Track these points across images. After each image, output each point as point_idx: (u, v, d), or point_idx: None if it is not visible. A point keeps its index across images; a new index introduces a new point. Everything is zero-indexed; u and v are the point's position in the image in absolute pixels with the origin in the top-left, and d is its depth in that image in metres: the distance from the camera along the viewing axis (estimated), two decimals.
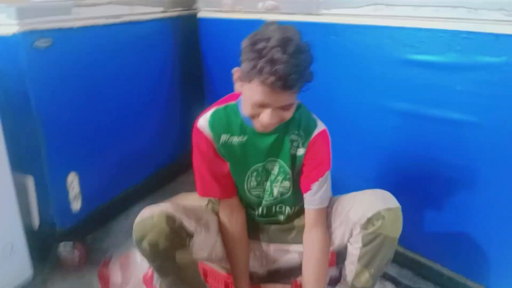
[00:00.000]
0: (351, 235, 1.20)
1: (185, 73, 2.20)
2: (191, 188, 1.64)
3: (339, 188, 1.29)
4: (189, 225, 1.17)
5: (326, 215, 1.25)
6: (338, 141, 1.27)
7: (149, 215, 1.12)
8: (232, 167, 1.23)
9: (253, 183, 1.25)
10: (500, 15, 1.16)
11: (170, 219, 1.12)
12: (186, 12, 2.14)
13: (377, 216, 1.12)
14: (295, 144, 1.21)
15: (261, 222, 1.35)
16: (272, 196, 1.27)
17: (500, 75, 1.19)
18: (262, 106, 1.03)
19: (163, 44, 2.06)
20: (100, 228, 1.89)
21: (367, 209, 1.14)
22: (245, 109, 1.08)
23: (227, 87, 2.05)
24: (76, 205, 1.70)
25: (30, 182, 1.57)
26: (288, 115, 1.08)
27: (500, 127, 1.22)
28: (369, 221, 1.13)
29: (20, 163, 1.50)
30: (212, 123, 1.18)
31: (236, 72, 1.09)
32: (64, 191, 1.65)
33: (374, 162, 1.56)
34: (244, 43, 1.02)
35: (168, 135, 2.16)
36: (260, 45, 0.97)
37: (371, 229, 1.13)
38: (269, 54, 0.95)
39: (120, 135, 1.87)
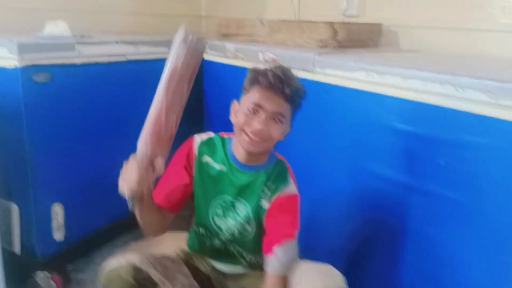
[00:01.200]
0: None
1: (186, 111, 2.21)
2: (177, 222, 1.65)
3: (310, 249, 1.27)
4: (156, 277, 1.16)
5: None
6: (318, 198, 1.26)
7: (116, 267, 1.12)
8: (201, 189, 1.25)
9: (219, 211, 1.25)
10: (487, 97, 1.13)
11: (136, 271, 1.11)
12: None
13: None
14: (262, 195, 1.21)
15: (220, 271, 1.32)
16: (233, 234, 1.25)
17: (483, 157, 1.16)
18: (257, 109, 1.11)
19: None
20: (82, 258, 1.89)
21: None
22: (239, 119, 1.14)
23: (227, 127, 2.08)
24: (59, 235, 1.71)
25: (14, 209, 1.60)
26: (276, 132, 1.13)
27: (477, 206, 1.18)
28: None
29: (6, 190, 1.53)
30: (205, 143, 1.27)
31: (233, 104, 1.21)
32: (48, 221, 1.67)
33: (351, 225, 1.53)
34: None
35: None
36: (260, 69, 1.15)
37: None
38: (268, 71, 1.12)
39: (110, 170, 1.88)
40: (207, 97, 2.16)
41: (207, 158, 1.25)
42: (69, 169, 1.70)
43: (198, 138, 1.28)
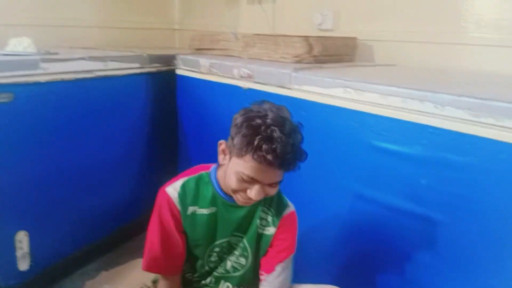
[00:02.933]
0: None
1: (158, 127, 2.14)
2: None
3: (297, 271, 1.22)
4: None
5: None
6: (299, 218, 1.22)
7: None
8: (194, 241, 1.17)
9: (214, 258, 1.20)
10: (467, 114, 1.12)
11: None
12: (165, 68, 2.11)
13: None
14: (263, 222, 1.17)
15: None
16: (225, 269, 1.21)
17: (465, 175, 1.14)
18: (251, 181, 1.00)
19: (137, 98, 2.02)
20: (51, 287, 1.78)
21: None
22: (230, 183, 1.04)
23: (201, 145, 2.02)
24: (23, 264, 1.60)
25: None
26: (273, 191, 1.05)
27: (460, 226, 1.16)
28: None
29: None
30: (182, 193, 1.13)
31: (221, 144, 1.09)
32: (11, 250, 1.56)
33: (332, 244, 1.49)
34: (237, 118, 1.02)
35: (133, 190, 2.07)
36: (257, 122, 0.97)
37: None
38: (267, 132, 0.95)
39: (78, 194, 1.79)
40: (180, 112, 2.09)
41: (191, 209, 1.14)
42: (33, 193, 1.60)
43: (174, 192, 1.13)
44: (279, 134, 0.95)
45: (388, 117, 1.28)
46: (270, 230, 1.16)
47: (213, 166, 1.19)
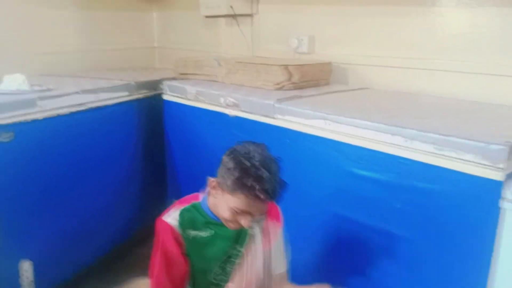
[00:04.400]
0: None
1: (148, 151, 2.26)
2: (145, 263, 1.66)
3: None
4: None
5: None
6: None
7: None
8: (199, 262, 1.30)
9: (219, 272, 1.33)
10: (432, 148, 1.28)
11: None
12: (152, 93, 2.22)
13: None
14: (252, 226, 1.30)
15: None
16: (225, 275, 1.34)
17: (431, 201, 1.30)
18: (243, 213, 1.16)
19: (127, 124, 2.13)
20: None
21: None
22: (223, 214, 1.19)
23: (188, 167, 2.14)
24: None
25: None
26: (262, 216, 1.22)
27: (428, 244, 1.33)
28: None
29: None
30: (182, 221, 1.26)
31: (212, 182, 1.21)
32: (15, 279, 1.65)
33: (314, 261, 1.64)
34: (228, 161, 1.15)
35: (125, 213, 2.19)
36: (246, 165, 1.11)
37: None
38: (257, 173, 1.11)
39: (76, 218, 1.89)
40: (168, 136, 2.20)
41: (193, 233, 1.27)
42: (35, 224, 1.69)
43: (174, 221, 1.26)
44: (267, 175, 1.11)
45: (364, 147, 1.44)
46: (257, 230, 1.32)
47: (202, 196, 1.31)
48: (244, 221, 1.17)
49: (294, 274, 1.67)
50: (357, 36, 2.12)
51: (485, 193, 1.18)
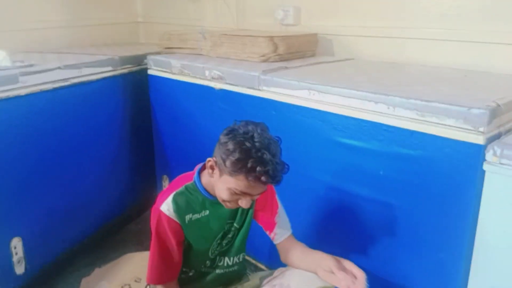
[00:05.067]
0: None
1: (134, 127, 2.25)
2: (136, 239, 1.66)
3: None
4: None
5: None
6: None
7: None
8: (199, 242, 1.32)
9: (216, 246, 1.36)
10: (415, 114, 1.29)
11: None
12: (137, 68, 2.20)
13: None
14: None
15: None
16: (221, 247, 1.37)
17: (415, 167, 1.32)
18: (243, 194, 1.15)
19: (112, 100, 2.11)
20: (45, 286, 1.89)
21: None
22: (222, 195, 1.18)
23: (175, 141, 2.14)
24: (20, 268, 1.71)
25: None
26: (259, 196, 1.20)
27: (413, 209, 1.36)
28: None
29: None
30: (176, 207, 1.26)
31: (209, 161, 1.20)
32: (8, 256, 1.66)
33: (304, 226, 1.67)
34: (228, 141, 1.12)
35: (114, 189, 2.19)
36: (246, 146, 1.09)
37: None
38: (258, 154, 1.08)
39: (65, 195, 1.89)
40: (154, 112, 2.19)
41: (188, 217, 1.28)
42: (25, 202, 1.69)
43: (168, 209, 1.25)
44: (269, 157, 1.08)
45: (348, 116, 1.45)
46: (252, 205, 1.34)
47: (194, 175, 1.30)
48: (243, 202, 1.17)
49: None
50: (343, 6, 2.10)
51: (468, 157, 1.20)
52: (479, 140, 1.18)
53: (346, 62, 2.00)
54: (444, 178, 1.27)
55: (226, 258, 1.40)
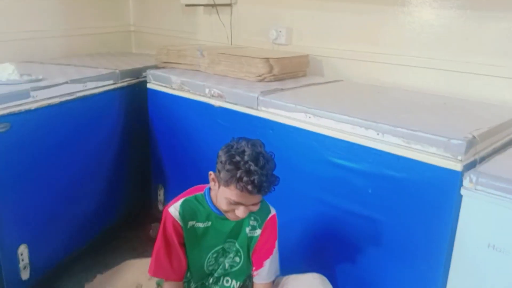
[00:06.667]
0: None
1: (133, 138, 2.34)
2: (131, 245, 1.73)
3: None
4: None
5: None
6: None
7: None
8: (194, 250, 1.44)
9: (212, 262, 1.48)
10: (401, 141, 1.45)
11: None
12: (136, 81, 2.29)
13: None
14: (252, 228, 1.46)
15: None
16: (224, 269, 1.50)
17: (400, 187, 1.48)
18: (237, 204, 1.28)
19: (113, 112, 2.20)
20: None
21: None
22: (221, 205, 1.33)
23: (172, 154, 2.24)
24: (25, 274, 1.79)
25: None
26: (256, 208, 1.34)
27: (397, 225, 1.52)
28: None
29: None
30: (182, 211, 1.39)
31: (211, 175, 1.35)
32: (15, 262, 1.73)
33: (299, 241, 1.81)
34: (222, 155, 1.28)
35: (112, 198, 2.28)
36: (236, 159, 1.24)
37: None
38: (245, 166, 1.22)
39: (68, 204, 1.98)
40: (152, 125, 2.29)
41: (191, 223, 1.41)
42: (31, 210, 1.77)
43: (175, 211, 1.39)
44: (255, 168, 1.22)
45: (341, 139, 1.60)
46: (257, 232, 1.47)
47: (205, 188, 1.45)
48: (239, 212, 1.30)
49: (283, 251, 1.83)
50: (332, 30, 2.25)
51: (446, 182, 1.36)
52: (457, 167, 1.34)
53: (336, 84, 2.15)
54: (426, 199, 1.43)
55: (234, 281, 1.51)
